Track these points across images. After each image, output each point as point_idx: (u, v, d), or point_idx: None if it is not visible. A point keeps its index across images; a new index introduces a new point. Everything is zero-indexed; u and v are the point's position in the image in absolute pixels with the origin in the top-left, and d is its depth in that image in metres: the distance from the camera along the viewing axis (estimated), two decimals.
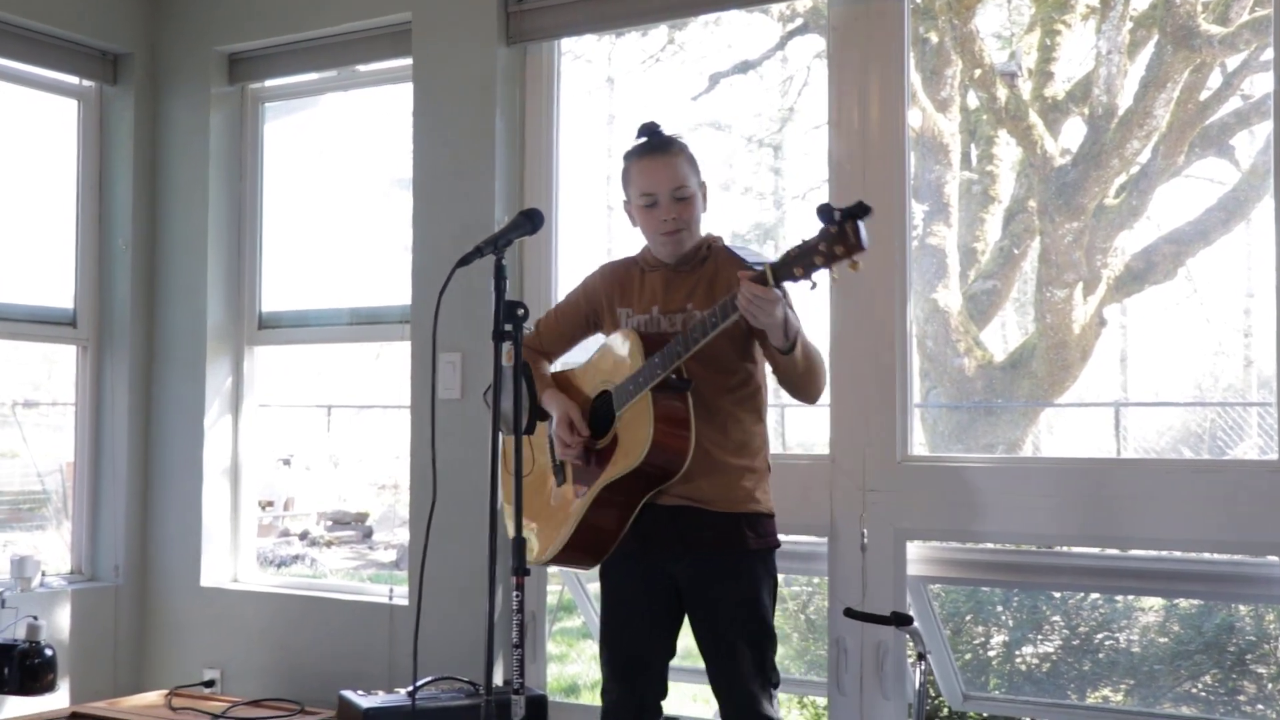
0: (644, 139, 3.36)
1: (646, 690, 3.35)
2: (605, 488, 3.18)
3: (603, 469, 3.21)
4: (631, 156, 3.36)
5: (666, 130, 3.41)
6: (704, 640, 3.30)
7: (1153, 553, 3.93)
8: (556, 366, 3.61)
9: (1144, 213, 4.48)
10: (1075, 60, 4.64)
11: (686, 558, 3.27)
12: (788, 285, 2.94)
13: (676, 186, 3.28)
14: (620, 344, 3.27)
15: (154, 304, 5.56)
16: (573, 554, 3.31)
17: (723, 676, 3.26)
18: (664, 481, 3.16)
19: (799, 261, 2.87)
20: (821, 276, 2.88)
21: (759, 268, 2.95)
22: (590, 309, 3.51)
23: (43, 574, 5.26)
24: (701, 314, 3.15)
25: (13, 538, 5.63)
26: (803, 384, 3.26)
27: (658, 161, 3.30)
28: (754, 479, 3.28)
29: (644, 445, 3.10)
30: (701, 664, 3.33)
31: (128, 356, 5.49)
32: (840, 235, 2.80)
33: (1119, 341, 4.64)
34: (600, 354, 3.38)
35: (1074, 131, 4.67)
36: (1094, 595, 4.57)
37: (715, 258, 3.34)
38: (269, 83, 5.53)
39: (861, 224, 2.78)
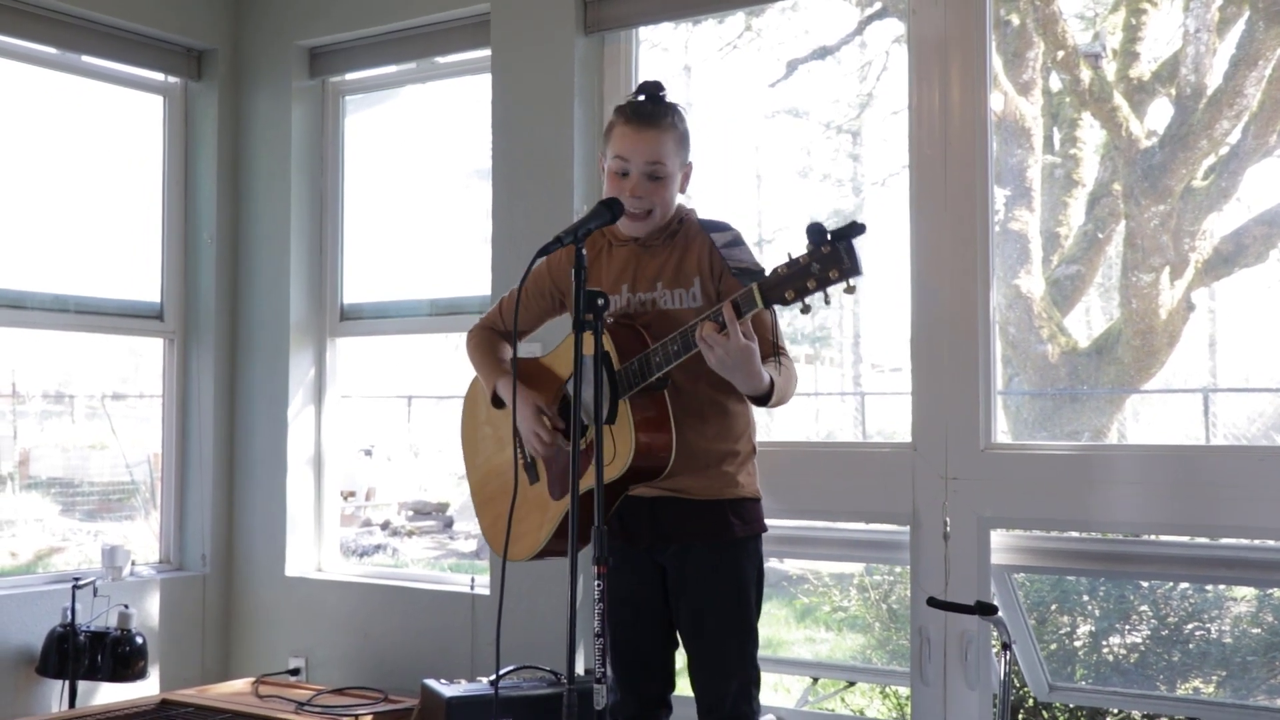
0: (639, 98, 3.16)
1: (648, 687, 3.26)
2: (584, 494, 2.99)
3: (581, 473, 2.99)
4: (620, 114, 3.16)
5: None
6: (684, 631, 3.21)
7: (1244, 541, 3.87)
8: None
9: (1234, 194, 4.39)
10: (1161, 39, 4.56)
11: (671, 547, 3.17)
12: (777, 308, 2.81)
13: (652, 161, 3.09)
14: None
15: (238, 297, 5.65)
16: (555, 548, 3.21)
17: (702, 670, 3.17)
18: (649, 480, 3.06)
19: (789, 284, 2.71)
20: (815, 300, 2.71)
21: (745, 281, 2.80)
22: (555, 286, 3.33)
23: (132, 563, 5.37)
24: (661, 331, 3.01)
25: (103, 528, 5.74)
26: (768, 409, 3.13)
27: (643, 131, 3.10)
28: (736, 463, 3.16)
29: (628, 454, 2.99)
30: (776, 652, 3.27)
31: (213, 349, 5.59)
32: (834, 258, 2.65)
33: (1207, 326, 4.56)
34: (568, 342, 3.19)
35: (1160, 112, 4.60)
36: (1183, 585, 4.51)
37: (686, 232, 3.18)
38: (349, 76, 5.59)
39: (855, 245, 2.64)
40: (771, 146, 5.38)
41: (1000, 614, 3.64)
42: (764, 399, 2.99)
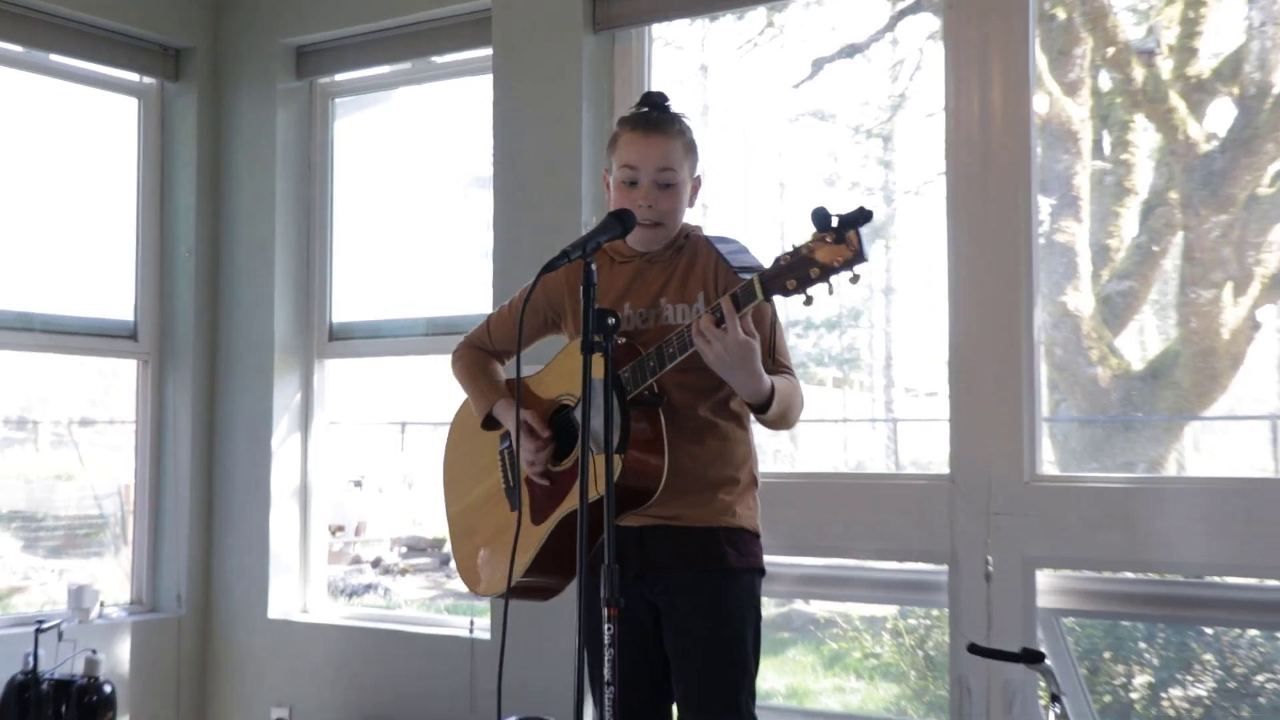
0: (645, 109, 3.20)
1: None
2: (567, 517, 3.06)
3: (564, 496, 3.09)
4: (625, 124, 3.20)
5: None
6: (674, 671, 3.15)
7: None
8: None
9: None
10: (1223, 34, 4.52)
11: (660, 581, 3.13)
12: (778, 300, 2.80)
13: (662, 168, 3.11)
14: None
15: (218, 315, 5.65)
16: (535, 582, 3.20)
17: (689, 714, 3.11)
18: (636, 506, 3.03)
19: (792, 273, 2.71)
20: (818, 290, 2.72)
21: (745, 276, 2.81)
22: (549, 305, 3.32)
23: (101, 605, 5.34)
24: (669, 321, 3.07)
25: (69, 565, 5.72)
26: (771, 428, 3.13)
27: (651, 137, 3.13)
28: (734, 491, 3.14)
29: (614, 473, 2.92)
30: (801, 703, 3.21)
31: (190, 371, 5.58)
32: (839, 244, 2.67)
33: (1275, 347, 4.50)
34: (561, 359, 3.23)
35: (1222, 114, 4.55)
36: (1252, 631, 4.45)
37: (692, 247, 3.19)
38: (339, 77, 5.60)
39: (863, 232, 2.66)
40: (795, 152, 5.36)
41: (1048, 662, 3.60)
42: (765, 406, 2.95)
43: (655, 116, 3.17)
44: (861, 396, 5.84)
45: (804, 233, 2.73)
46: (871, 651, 5.77)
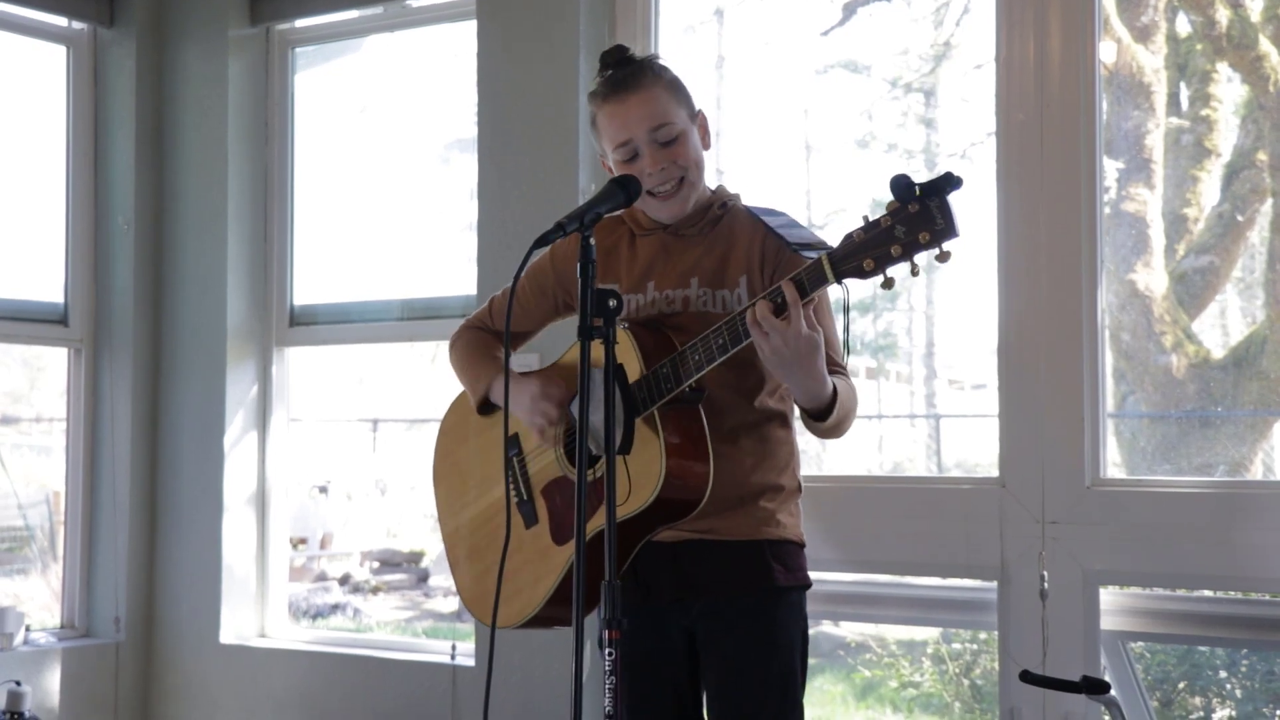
0: (608, 72, 3.23)
1: None
2: (596, 537, 2.93)
3: (592, 512, 2.98)
4: (595, 99, 3.24)
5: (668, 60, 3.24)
6: (712, 705, 3.19)
7: None
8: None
9: None
10: None
11: (697, 604, 3.17)
12: (851, 282, 2.75)
13: (657, 126, 3.13)
14: None
15: (162, 296, 5.68)
16: (554, 613, 3.19)
17: None
18: (676, 519, 3.05)
19: (868, 251, 2.69)
20: (899, 270, 2.69)
21: (811, 256, 2.80)
22: (561, 285, 3.36)
23: (26, 629, 5.40)
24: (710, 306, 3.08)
25: None
26: (821, 437, 3.13)
27: (627, 99, 3.16)
28: (778, 500, 3.17)
29: (655, 481, 2.96)
30: None
31: (130, 361, 5.61)
32: (923, 217, 2.63)
33: None
34: (574, 352, 3.13)
35: None
36: None
37: (733, 220, 3.21)
38: (300, 22, 5.62)
39: (950, 201, 2.63)
40: (824, 109, 5.38)
41: (1113, 693, 3.63)
42: (824, 413, 2.97)
43: (622, 75, 3.18)
44: (899, 389, 5.87)
45: (840, 208, 2.70)
46: (910, 680, 5.81)
